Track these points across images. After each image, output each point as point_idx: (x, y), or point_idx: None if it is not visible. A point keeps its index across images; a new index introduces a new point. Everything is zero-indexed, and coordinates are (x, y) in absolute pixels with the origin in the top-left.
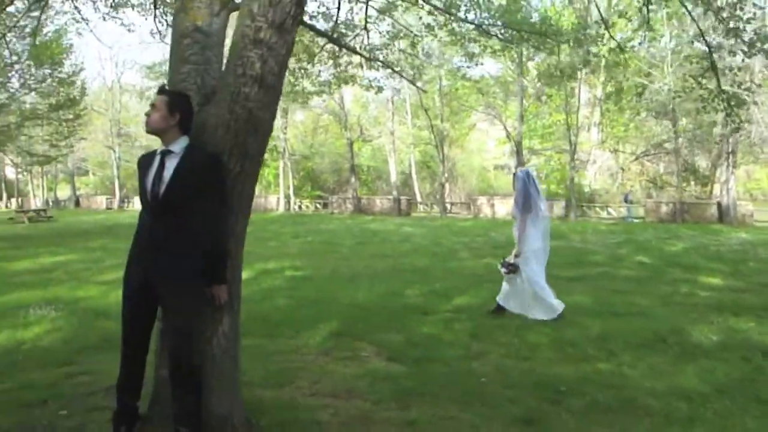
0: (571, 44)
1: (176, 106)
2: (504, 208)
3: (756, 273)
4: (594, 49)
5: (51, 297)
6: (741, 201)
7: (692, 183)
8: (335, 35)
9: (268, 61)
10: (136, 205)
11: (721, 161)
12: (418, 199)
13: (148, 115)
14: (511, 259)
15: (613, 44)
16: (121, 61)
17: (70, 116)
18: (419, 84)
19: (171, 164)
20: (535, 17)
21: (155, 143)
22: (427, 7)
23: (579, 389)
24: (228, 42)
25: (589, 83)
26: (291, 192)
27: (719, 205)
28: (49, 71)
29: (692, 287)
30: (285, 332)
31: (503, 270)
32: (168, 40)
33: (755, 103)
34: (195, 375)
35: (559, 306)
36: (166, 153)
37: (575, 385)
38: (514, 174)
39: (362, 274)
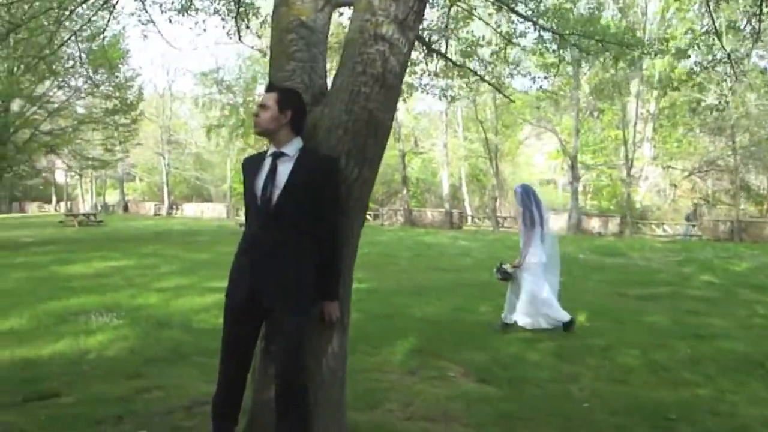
0: (663, 54)
1: (287, 104)
2: (557, 223)
3: None
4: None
5: (110, 303)
6: None
7: (743, 201)
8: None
9: (390, 60)
10: (186, 211)
11: None
12: (468, 212)
13: (256, 114)
14: (509, 267)
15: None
16: (172, 68)
17: (127, 121)
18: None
19: (284, 168)
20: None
21: (206, 153)
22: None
23: (687, 417)
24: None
25: (642, 98)
26: None
27: None
28: (106, 75)
29: None
30: (362, 348)
31: (498, 275)
32: (247, 41)
33: None
34: (303, 399)
35: (564, 317)
36: (278, 155)
37: (681, 411)
38: (515, 190)
39: (427, 288)
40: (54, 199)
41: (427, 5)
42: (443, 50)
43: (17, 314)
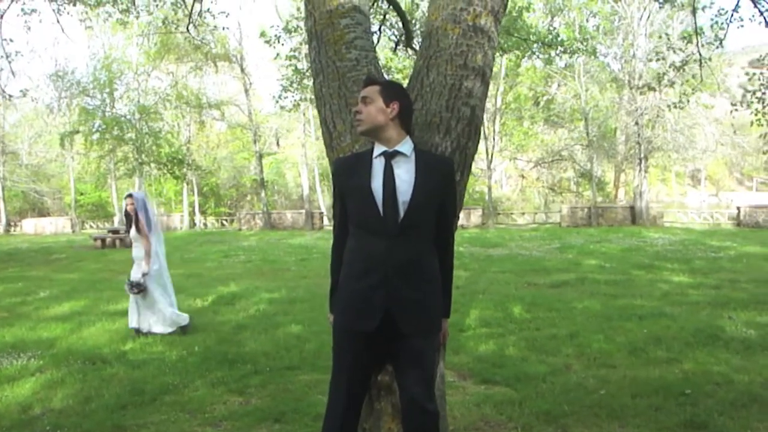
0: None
1: (393, 96)
2: None
3: (712, 270)
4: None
5: (12, 340)
6: (652, 203)
7: (588, 188)
8: None
9: (488, 53)
10: (25, 228)
11: (634, 166)
12: (324, 212)
13: (358, 111)
14: (139, 278)
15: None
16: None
17: None
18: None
19: (403, 171)
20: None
21: (44, 163)
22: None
23: (698, 390)
24: None
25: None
26: (196, 209)
27: (632, 208)
28: None
29: (672, 287)
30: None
31: (131, 290)
32: (195, 31)
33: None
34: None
35: (184, 318)
36: (391, 155)
37: (688, 386)
38: (130, 195)
39: None
40: None
41: None
42: None
43: None
